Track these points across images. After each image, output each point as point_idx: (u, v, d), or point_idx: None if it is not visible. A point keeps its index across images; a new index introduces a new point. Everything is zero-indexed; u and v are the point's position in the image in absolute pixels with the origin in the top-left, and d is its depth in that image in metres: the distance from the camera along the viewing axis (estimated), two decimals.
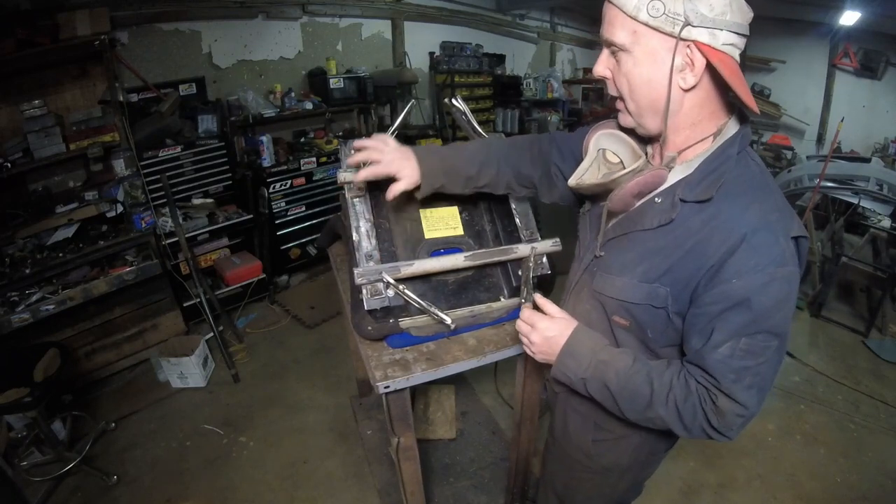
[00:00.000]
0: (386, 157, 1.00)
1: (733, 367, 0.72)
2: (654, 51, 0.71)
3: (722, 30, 0.67)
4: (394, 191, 1.02)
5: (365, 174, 1.00)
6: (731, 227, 0.71)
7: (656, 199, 0.80)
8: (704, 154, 0.77)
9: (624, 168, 0.86)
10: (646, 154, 0.88)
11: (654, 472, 1.14)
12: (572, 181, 0.90)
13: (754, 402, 0.74)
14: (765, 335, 0.71)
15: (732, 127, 0.78)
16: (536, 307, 0.93)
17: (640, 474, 1.11)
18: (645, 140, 0.87)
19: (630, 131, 0.86)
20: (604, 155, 0.90)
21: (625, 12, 0.70)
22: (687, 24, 0.66)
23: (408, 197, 1.28)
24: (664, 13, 0.67)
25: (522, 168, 1.10)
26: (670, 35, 0.68)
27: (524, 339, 0.92)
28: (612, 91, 0.80)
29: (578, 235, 1.03)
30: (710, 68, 0.70)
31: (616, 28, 0.72)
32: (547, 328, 0.88)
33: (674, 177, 0.80)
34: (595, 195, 0.93)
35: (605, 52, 0.77)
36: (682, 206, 0.76)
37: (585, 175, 0.89)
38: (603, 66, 0.78)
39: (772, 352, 0.72)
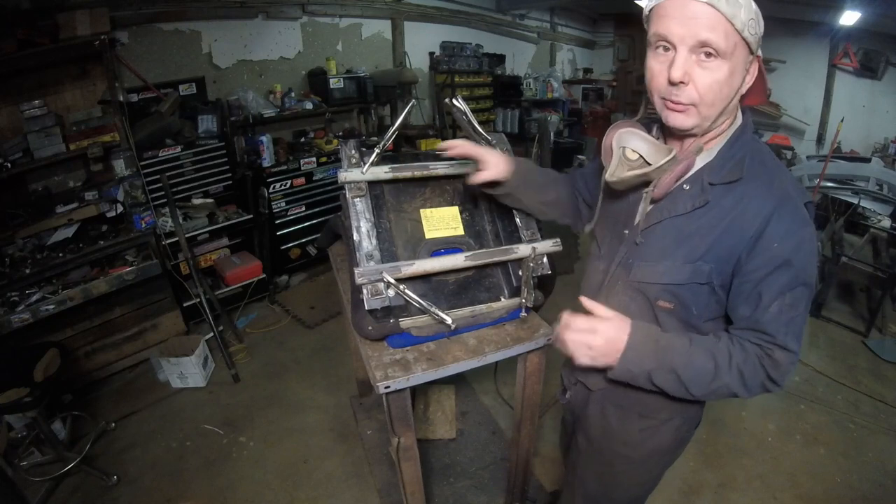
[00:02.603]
0: (478, 147, 1.09)
1: (783, 320, 0.81)
2: (740, 63, 0.77)
3: (760, 45, 0.79)
4: (480, 177, 1.08)
5: (457, 151, 1.08)
6: (762, 201, 0.80)
7: (684, 185, 0.88)
8: (721, 142, 0.86)
9: (646, 163, 0.90)
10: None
11: (682, 452, 1.17)
12: (609, 178, 0.91)
13: (798, 347, 0.84)
14: (801, 287, 0.81)
15: (739, 115, 0.88)
16: (582, 312, 0.91)
17: (674, 454, 1.14)
18: (663, 135, 0.94)
19: (648, 127, 0.95)
20: (623, 153, 0.93)
21: (733, 25, 0.72)
22: (759, 44, 0.77)
23: (408, 196, 1.29)
24: (755, 33, 0.75)
25: (569, 188, 1.23)
26: (752, 52, 0.77)
27: (583, 347, 0.88)
28: (685, 98, 0.78)
29: (596, 237, 1.08)
30: None
31: (721, 34, 0.73)
32: (607, 329, 0.87)
33: (696, 164, 0.87)
34: (629, 189, 0.95)
35: (686, 54, 0.75)
36: (712, 189, 0.84)
37: (616, 171, 0.91)
38: (685, 71, 0.75)
39: (805, 299, 0.83)
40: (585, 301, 0.91)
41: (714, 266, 0.85)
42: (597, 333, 0.87)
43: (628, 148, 0.92)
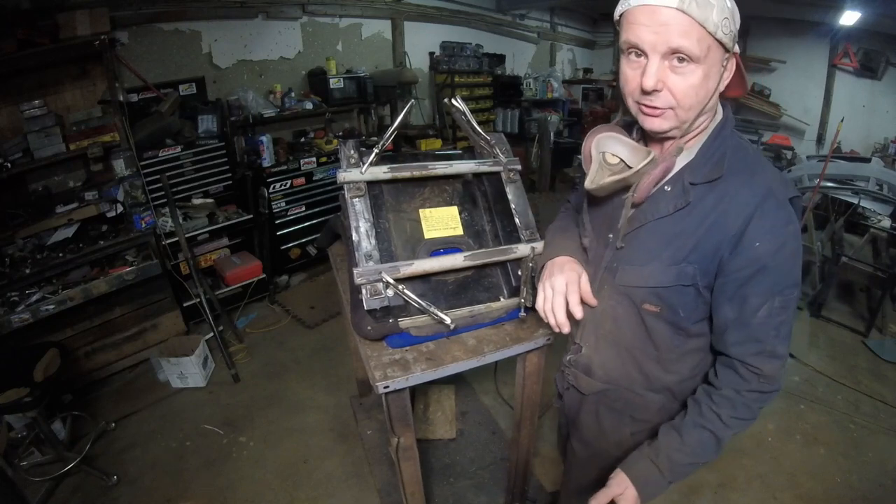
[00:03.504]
0: (561, 284, 0.96)
1: (773, 324, 0.81)
2: (716, 62, 0.76)
3: (737, 40, 0.77)
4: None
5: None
6: (744, 198, 0.79)
7: (665, 187, 0.86)
8: (701, 141, 0.85)
9: (626, 166, 0.89)
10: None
11: None
12: (589, 185, 0.89)
13: (786, 350, 0.84)
14: (790, 289, 0.80)
15: (719, 112, 0.87)
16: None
17: None
18: (643, 137, 0.93)
19: (629, 129, 0.94)
20: (603, 157, 0.92)
21: (705, 28, 0.71)
22: (735, 40, 0.75)
23: (407, 196, 1.29)
24: (730, 31, 0.73)
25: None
26: (727, 49, 0.75)
27: None
28: (659, 104, 0.77)
29: (583, 244, 1.06)
30: None
31: (693, 39, 0.71)
32: (629, 500, 0.91)
33: (676, 165, 0.86)
34: (611, 194, 0.94)
35: (658, 62, 0.74)
36: (693, 189, 0.83)
37: (596, 177, 0.90)
38: (658, 79, 0.75)
39: (794, 302, 0.82)
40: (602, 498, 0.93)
41: (698, 267, 0.83)
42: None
43: (608, 153, 0.91)
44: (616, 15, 0.79)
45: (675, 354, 0.95)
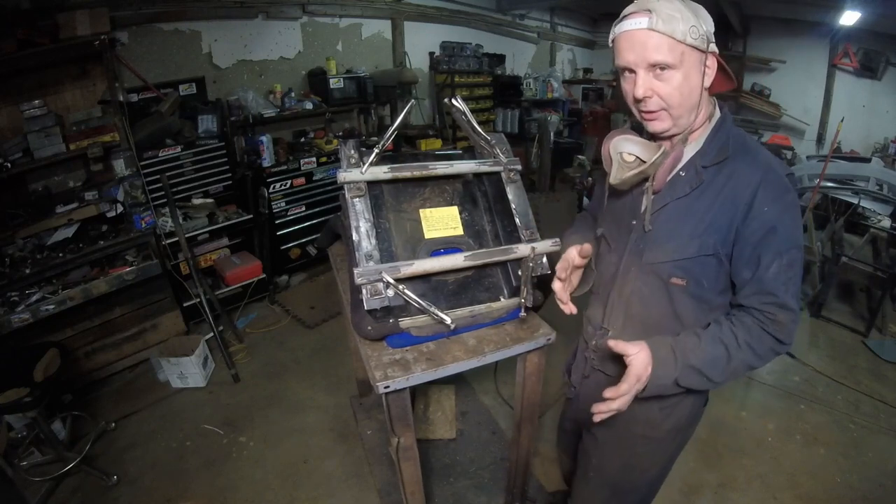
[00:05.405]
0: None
1: (782, 280, 0.93)
2: (694, 64, 0.90)
3: (713, 40, 0.91)
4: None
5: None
6: (749, 174, 0.93)
7: (680, 172, 1.01)
8: (706, 132, 1.01)
9: (643, 162, 1.02)
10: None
11: (694, 431, 1.25)
12: (613, 181, 1.03)
13: (797, 305, 0.95)
14: (794, 249, 0.93)
15: (717, 110, 1.02)
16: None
17: (688, 433, 1.23)
18: (652, 136, 1.05)
19: (640, 131, 1.07)
20: (621, 157, 1.04)
21: (674, 39, 0.86)
22: (709, 41, 0.90)
23: (407, 196, 1.29)
24: (699, 35, 0.88)
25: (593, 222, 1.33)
26: (702, 50, 0.90)
27: (635, 391, 0.96)
28: (652, 107, 0.94)
29: (605, 235, 1.18)
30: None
31: (665, 51, 0.87)
32: (643, 360, 0.96)
33: (687, 154, 1.01)
34: (631, 187, 1.07)
35: (644, 74, 0.90)
36: (705, 171, 0.98)
37: (618, 174, 1.03)
38: (646, 88, 0.91)
39: (799, 262, 0.95)
40: (615, 344, 0.98)
41: (718, 236, 0.96)
42: (642, 373, 0.95)
43: (624, 153, 1.04)
44: (609, 42, 0.97)
45: (699, 327, 1.03)
